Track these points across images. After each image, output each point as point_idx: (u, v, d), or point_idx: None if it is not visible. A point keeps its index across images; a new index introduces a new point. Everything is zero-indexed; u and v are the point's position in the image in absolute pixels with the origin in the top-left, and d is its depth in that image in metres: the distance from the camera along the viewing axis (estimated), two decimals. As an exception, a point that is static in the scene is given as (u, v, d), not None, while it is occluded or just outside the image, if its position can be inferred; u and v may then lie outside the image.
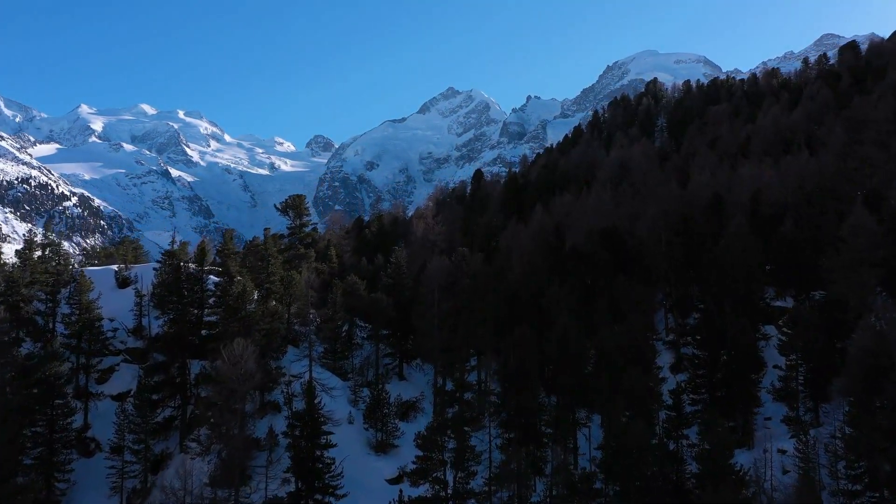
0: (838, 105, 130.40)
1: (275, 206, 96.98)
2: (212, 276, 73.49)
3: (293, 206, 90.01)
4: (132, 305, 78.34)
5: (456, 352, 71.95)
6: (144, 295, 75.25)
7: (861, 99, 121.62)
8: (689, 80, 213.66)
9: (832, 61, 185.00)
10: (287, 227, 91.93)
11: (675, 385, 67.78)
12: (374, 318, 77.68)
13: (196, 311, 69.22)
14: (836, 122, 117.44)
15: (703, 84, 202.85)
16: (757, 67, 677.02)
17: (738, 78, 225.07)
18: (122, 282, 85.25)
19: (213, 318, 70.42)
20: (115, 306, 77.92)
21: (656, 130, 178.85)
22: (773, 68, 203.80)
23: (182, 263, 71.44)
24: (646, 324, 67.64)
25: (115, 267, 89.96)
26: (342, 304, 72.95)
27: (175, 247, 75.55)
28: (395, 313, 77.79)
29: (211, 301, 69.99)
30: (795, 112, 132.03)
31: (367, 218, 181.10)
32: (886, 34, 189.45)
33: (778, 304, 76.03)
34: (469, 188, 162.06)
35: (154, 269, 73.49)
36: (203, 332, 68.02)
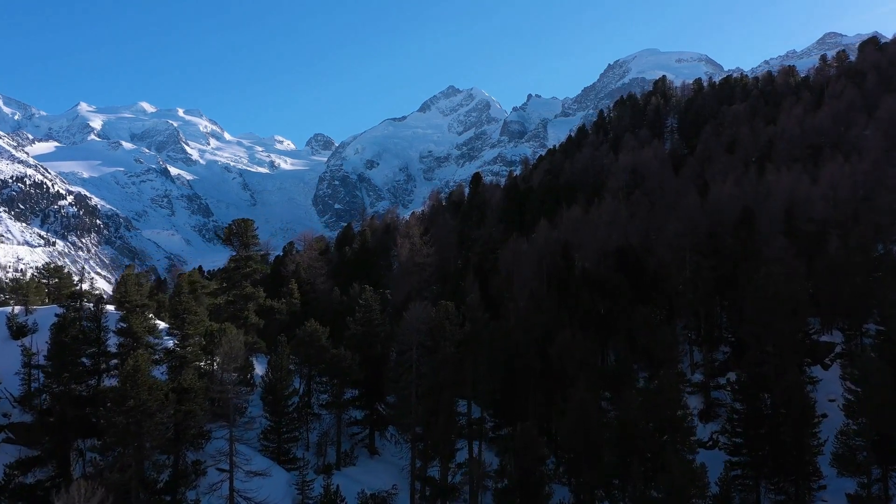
0: (866, 105, 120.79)
1: (216, 233, 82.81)
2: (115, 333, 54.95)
3: (238, 233, 70.21)
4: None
5: (437, 439, 55.97)
6: (35, 354, 54.54)
7: (891, 98, 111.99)
8: (699, 79, 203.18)
9: (851, 59, 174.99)
10: (231, 260, 72.57)
11: (708, 437, 57.39)
12: (337, 378, 62.04)
13: (92, 382, 51.60)
14: (870, 123, 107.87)
15: (714, 82, 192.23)
16: (759, 66, 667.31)
17: (742, 76, 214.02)
18: (17, 331, 63.81)
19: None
20: (4, 364, 58.13)
21: (666, 132, 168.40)
22: (790, 66, 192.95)
23: (93, 307, 53.21)
24: (677, 375, 56.02)
25: (9, 310, 68.01)
26: (289, 363, 57.83)
27: (85, 285, 59.08)
28: (366, 370, 63.52)
29: (113, 364, 52.03)
30: (820, 113, 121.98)
31: (362, 223, 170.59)
32: (889, 34, 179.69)
33: (824, 338, 65.51)
34: (467, 192, 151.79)
35: (56, 314, 53.23)
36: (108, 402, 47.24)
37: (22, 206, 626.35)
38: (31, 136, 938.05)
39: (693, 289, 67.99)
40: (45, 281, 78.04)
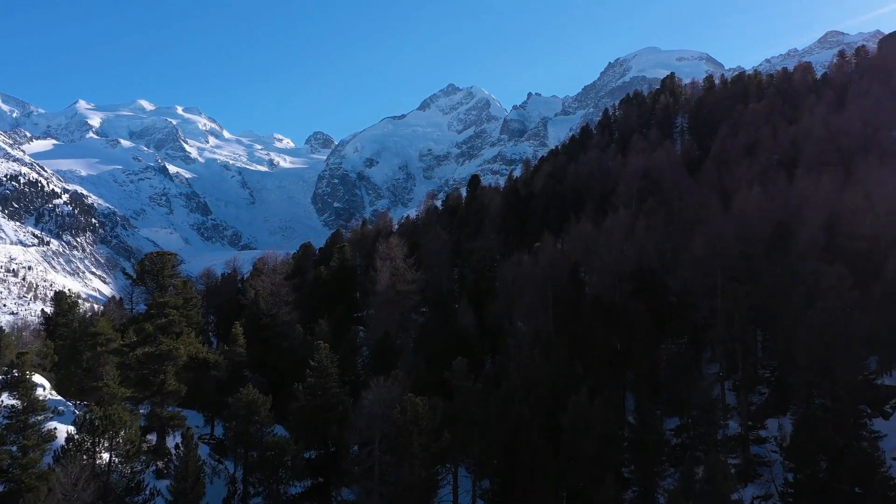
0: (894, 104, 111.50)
1: (123, 272, 69.26)
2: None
3: (151, 270, 52.43)
4: None
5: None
6: None
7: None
8: (710, 75, 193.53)
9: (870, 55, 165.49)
10: (145, 305, 55.93)
11: (749, 502, 47.64)
12: (274, 476, 45.27)
13: None
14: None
15: (727, 79, 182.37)
16: (760, 65, 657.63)
17: (756, 73, 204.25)
18: None
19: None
20: None
21: (676, 131, 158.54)
22: (806, 62, 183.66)
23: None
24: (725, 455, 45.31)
25: None
26: (198, 466, 40.72)
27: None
28: (319, 451, 50.53)
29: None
30: (845, 112, 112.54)
31: (353, 231, 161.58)
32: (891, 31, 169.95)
33: (884, 381, 55.51)
34: (464, 193, 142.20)
35: None
36: None
37: (16, 205, 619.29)
38: (28, 134, 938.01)
39: (726, 321, 57.37)
40: None
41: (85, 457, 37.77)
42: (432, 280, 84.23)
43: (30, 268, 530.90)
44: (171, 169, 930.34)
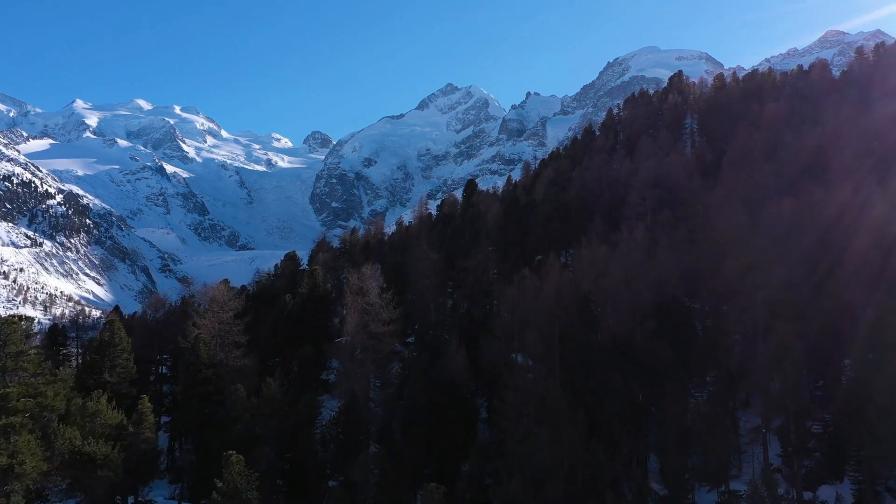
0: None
1: None
2: None
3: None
4: None
5: None
6: None
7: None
8: (722, 74, 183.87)
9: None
10: None
11: None
12: None
13: None
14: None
15: (738, 77, 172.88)
16: (760, 64, 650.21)
17: (769, 71, 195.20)
18: None
19: None
20: None
21: (685, 133, 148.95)
22: (822, 59, 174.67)
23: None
24: None
25: None
26: None
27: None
28: None
29: None
30: (873, 112, 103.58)
31: (346, 235, 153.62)
32: (893, 33, 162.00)
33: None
34: (461, 195, 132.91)
35: None
36: None
37: (9, 206, 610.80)
38: (25, 134, 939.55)
39: (771, 367, 47.30)
40: None
41: None
42: (419, 302, 72.92)
43: (21, 270, 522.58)
44: (169, 168, 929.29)
